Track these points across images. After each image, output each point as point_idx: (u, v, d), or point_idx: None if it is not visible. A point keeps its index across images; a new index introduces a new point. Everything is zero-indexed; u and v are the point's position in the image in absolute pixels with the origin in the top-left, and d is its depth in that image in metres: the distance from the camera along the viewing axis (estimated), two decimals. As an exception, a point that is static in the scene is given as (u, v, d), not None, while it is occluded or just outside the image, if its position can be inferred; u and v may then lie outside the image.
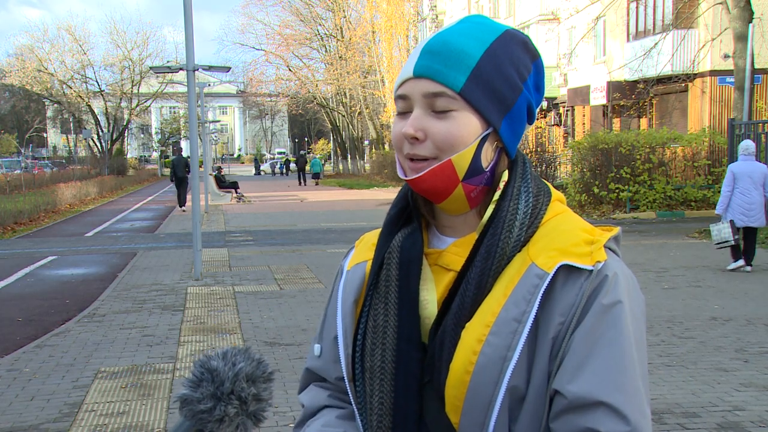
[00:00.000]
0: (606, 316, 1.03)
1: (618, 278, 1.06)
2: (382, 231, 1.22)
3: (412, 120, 1.10)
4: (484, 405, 1.04)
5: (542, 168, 23.09)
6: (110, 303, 8.86)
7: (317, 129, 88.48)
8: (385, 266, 1.17)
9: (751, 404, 5.00)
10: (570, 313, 1.04)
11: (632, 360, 1.03)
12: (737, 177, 9.79)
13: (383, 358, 1.13)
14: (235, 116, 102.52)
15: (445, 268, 1.15)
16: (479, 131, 1.11)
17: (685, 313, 7.76)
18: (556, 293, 1.05)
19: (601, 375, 1.01)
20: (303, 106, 56.42)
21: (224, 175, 33.70)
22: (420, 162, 1.11)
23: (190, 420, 1.02)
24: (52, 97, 51.87)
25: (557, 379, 1.03)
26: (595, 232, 1.11)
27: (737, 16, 16.18)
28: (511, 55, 1.12)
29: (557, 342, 1.04)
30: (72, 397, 5.40)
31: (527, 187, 1.13)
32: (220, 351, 1.07)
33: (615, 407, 1.00)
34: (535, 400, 1.05)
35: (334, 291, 1.28)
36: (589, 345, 1.02)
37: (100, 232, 17.91)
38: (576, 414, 1.01)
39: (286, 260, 12.10)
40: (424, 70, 1.10)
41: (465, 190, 1.12)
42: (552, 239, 1.09)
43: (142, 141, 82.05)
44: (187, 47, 10.52)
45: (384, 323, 1.14)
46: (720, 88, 21.92)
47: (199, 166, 12.43)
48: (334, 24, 48.35)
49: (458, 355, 1.05)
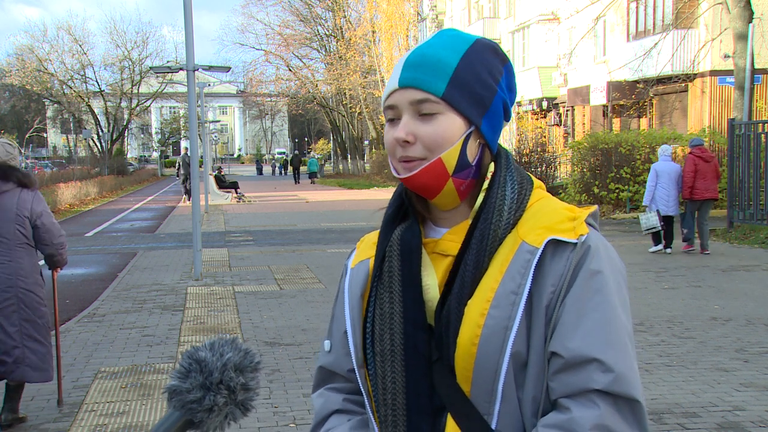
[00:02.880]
0: (591, 282, 1.16)
1: (599, 249, 1.19)
2: (381, 229, 1.33)
3: (403, 125, 1.23)
4: (491, 371, 1.16)
5: (542, 168, 23.08)
6: (110, 303, 8.86)
7: (317, 129, 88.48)
8: (387, 258, 1.27)
9: (751, 404, 5.00)
10: (560, 282, 1.16)
11: (618, 320, 1.16)
12: (659, 174, 11.54)
13: (392, 342, 1.23)
14: (235, 116, 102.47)
15: (443, 254, 1.26)
16: (463, 130, 1.23)
17: (685, 313, 7.76)
18: (546, 266, 1.17)
19: (591, 334, 1.13)
20: (303, 106, 56.43)
21: (224, 175, 33.71)
22: (412, 162, 1.23)
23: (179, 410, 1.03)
24: (52, 97, 51.85)
25: (552, 341, 1.15)
26: (576, 210, 1.23)
27: (737, 15, 16.18)
28: (484, 60, 1.25)
29: (550, 309, 1.16)
30: (72, 397, 5.39)
31: (512, 176, 1.26)
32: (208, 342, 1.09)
33: (605, 362, 1.11)
34: (537, 364, 1.16)
35: (340, 290, 1.38)
36: (580, 309, 1.15)
37: (100, 232, 17.91)
38: (570, 372, 1.13)
39: (286, 260, 12.10)
40: (408, 81, 1.23)
41: (455, 184, 1.24)
42: (538, 219, 1.21)
43: (142, 141, 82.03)
44: (187, 47, 10.53)
45: (390, 309, 1.24)
46: (720, 88, 21.91)
47: (199, 166, 12.42)
48: (334, 24, 48.38)
49: (464, 330, 1.17)
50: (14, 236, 4.63)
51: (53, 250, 4.84)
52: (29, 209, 4.69)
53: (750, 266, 10.64)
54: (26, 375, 4.71)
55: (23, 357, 4.66)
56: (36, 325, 4.74)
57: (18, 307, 4.64)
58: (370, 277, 1.30)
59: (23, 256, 4.69)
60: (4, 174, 4.64)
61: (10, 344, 4.62)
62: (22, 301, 4.66)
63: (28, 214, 4.69)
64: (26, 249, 4.72)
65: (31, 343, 4.71)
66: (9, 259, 4.62)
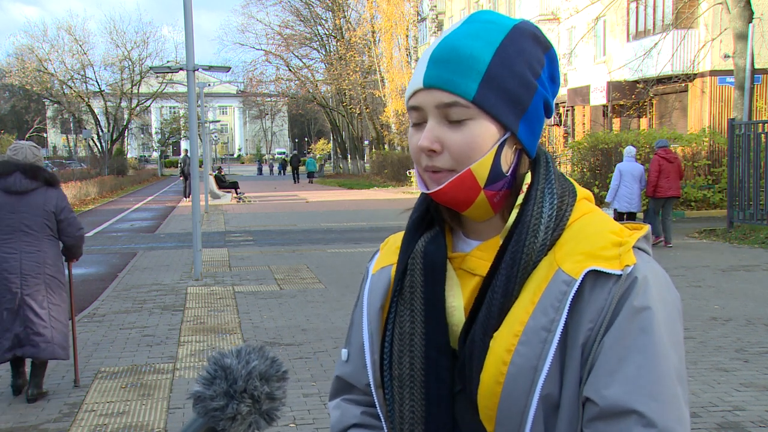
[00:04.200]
0: (636, 321, 1.01)
1: (648, 281, 1.03)
2: (405, 235, 1.20)
3: (428, 132, 1.07)
4: (518, 414, 1.03)
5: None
6: (110, 303, 8.86)
7: (317, 129, 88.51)
8: (409, 272, 1.15)
9: (751, 404, 5.00)
10: (599, 318, 1.02)
11: (666, 363, 1.00)
12: (623, 174, 12.34)
13: (412, 366, 1.12)
14: (235, 116, 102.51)
15: (471, 273, 1.13)
16: (497, 137, 1.07)
17: (685, 312, 7.70)
18: (584, 299, 1.03)
19: (632, 382, 0.99)
20: (303, 106, 56.49)
21: (224, 175, 33.71)
22: (439, 173, 1.08)
23: (202, 417, 1.02)
24: (52, 97, 51.80)
25: (588, 385, 1.01)
26: (624, 232, 1.07)
27: (737, 15, 16.18)
28: (523, 51, 1.08)
29: (587, 348, 1.02)
30: (72, 397, 5.40)
31: (551, 189, 1.10)
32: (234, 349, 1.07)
33: (646, 415, 0.97)
34: (570, 407, 1.03)
35: (360, 296, 1.26)
36: (620, 351, 1.00)
37: (100, 232, 17.91)
38: (606, 422, 0.99)
39: (286, 260, 12.10)
40: (434, 81, 1.07)
41: (487, 196, 1.09)
42: (578, 242, 1.06)
43: (142, 141, 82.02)
44: (187, 47, 10.53)
45: (411, 330, 1.12)
46: (720, 88, 21.92)
47: (198, 166, 12.42)
48: (334, 24, 48.38)
49: (488, 366, 1.04)
50: (41, 229, 5.21)
51: (74, 241, 5.41)
52: (54, 205, 5.26)
53: (750, 266, 10.65)
54: (56, 352, 5.25)
55: (52, 336, 5.21)
56: (60, 308, 5.32)
57: (46, 291, 5.21)
58: (391, 288, 1.18)
59: (49, 246, 5.26)
60: (32, 174, 5.21)
61: (41, 325, 5.16)
62: (49, 286, 5.22)
63: (54, 209, 5.25)
64: (51, 240, 5.29)
65: (56, 324, 5.27)
66: (38, 249, 5.19)
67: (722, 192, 17.63)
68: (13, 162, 5.21)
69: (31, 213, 5.17)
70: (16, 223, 5.14)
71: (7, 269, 5.10)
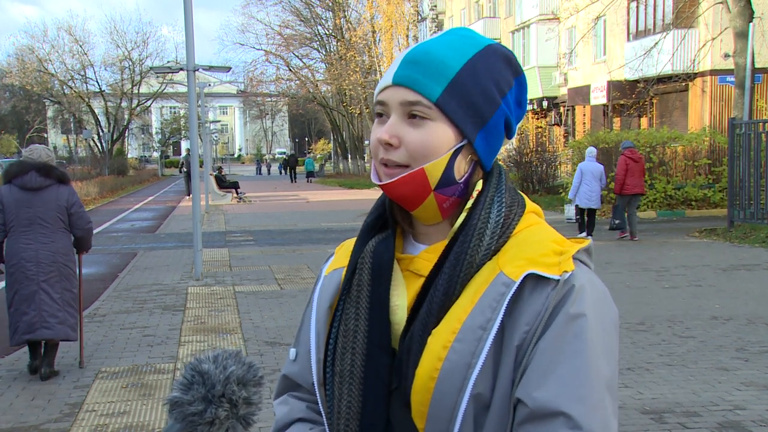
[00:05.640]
0: (571, 327, 1.03)
1: (585, 290, 1.05)
2: (359, 237, 1.23)
3: (388, 126, 1.11)
4: (448, 411, 1.04)
5: (542, 168, 23.09)
6: (111, 303, 8.86)
7: (317, 129, 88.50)
8: (357, 271, 1.17)
9: (752, 403, 5.00)
10: (535, 322, 1.04)
11: (597, 370, 1.02)
12: (584, 173, 13.25)
13: (353, 363, 1.13)
14: (236, 116, 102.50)
15: (416, 274, 1.15)
16: (453, 143, 1.11)
17: (685, 312, 7.76)
18: (522, 302, 1.05)
19: (563, 385, 1.00)
20: (303, 106, 56.49)
21: (224, 175, 33.71)
22: (394, 168, 1.12)
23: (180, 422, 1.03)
24: (52, 97, 51.86)
25: (520, 387, 1.03)
26: (566, 243, 1.11)
27: (737, 14, 16.17)
28: (492, 69, 1.13)
29: (522, 350, 1.04)
30: (73, 398, 5.40)
31: (500, 198, 1.13)
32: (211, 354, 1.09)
33: (573, 418, 0.99)
34: (500, 408, 1.04)
35: (311, 297, 1.28)
36: (553, 355, 1.02)
37: (101, 232, 17.90)
38: (535, 424, 1.01)
39: (286, 260, 12.11)
40: (402, 79, 1.11)
41: (437, 200, 1.13)
42: (522, 249, 1.09)
43: (142, 141, 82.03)
44: (187, 47, 10.53)
45: (354, 328, 1.14)
46: (720, 88, 21.91)
47: (199, 166, 12.43)
48: (334, 24, 48.35)
49: (424, 362, 1.05)
50: (55, 222, 5.76)
51: (84, 233, 5.95)
52: (66, 200, 5.81)
53: (750, 265, 10.64)
54: (68, 334, 5.81)
55: (65, 319, 5.77)
56: (71, 294, 5.88)
57: (59, 278, 5.76)
58: (340, 289, 1.20)
59: (62, 238, 5.81)
60: (46, 172, 5.75)
61: (55, 308, 5.72)
62: (62, 274, 5.78)
63: (65, 204, 5.80)
64: (64, 232, 5.84)
65: (68, 308, 5.83)
66: (52, 240, 5.74)
67: (723, 191, 17.63)
68: (29, 162, 5.76)
69: (45, 207, 5.71)
70: (32, 217, 5.69)
71: (25, 258, 5.66)
